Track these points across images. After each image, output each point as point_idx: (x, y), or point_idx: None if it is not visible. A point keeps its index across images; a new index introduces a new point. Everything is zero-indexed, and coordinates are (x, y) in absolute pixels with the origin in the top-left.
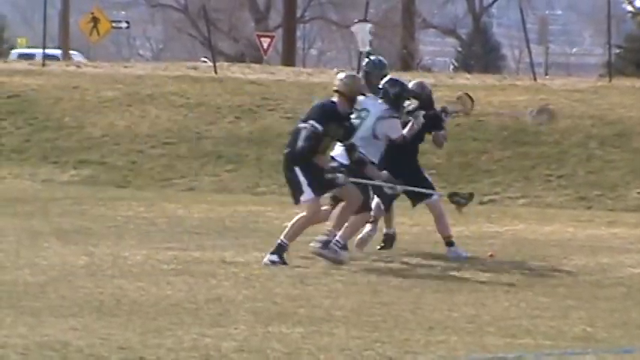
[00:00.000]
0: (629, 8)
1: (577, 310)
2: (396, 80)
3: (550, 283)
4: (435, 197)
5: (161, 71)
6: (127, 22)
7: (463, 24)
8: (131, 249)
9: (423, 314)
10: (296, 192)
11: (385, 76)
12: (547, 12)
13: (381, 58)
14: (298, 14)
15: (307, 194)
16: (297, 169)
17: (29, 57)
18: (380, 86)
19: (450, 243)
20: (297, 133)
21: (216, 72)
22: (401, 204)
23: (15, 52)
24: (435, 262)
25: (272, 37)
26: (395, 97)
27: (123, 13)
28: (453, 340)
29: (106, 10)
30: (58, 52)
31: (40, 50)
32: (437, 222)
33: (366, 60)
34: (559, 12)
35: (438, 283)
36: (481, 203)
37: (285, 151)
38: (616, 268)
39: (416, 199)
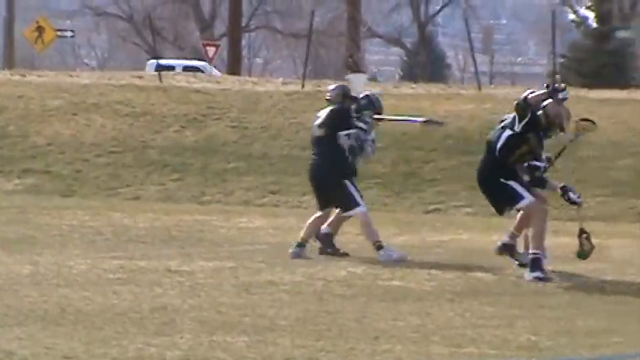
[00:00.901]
0: (574, 17)
1: (521, 319)
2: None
3: (495, 292)
4: (359, 209)
5: (106, 80)
6: (72, 31)
7: (408, 33)
8: (76, 258)
9: (368, 323)
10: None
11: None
12: (492, 21)
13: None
14: (243, 23)
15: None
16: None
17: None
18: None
19: (379, 247)
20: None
21: (161, 81)
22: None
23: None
24: (379, 270)
25: (217, 46)
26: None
27: (68, 22)
28: (398, 350)
29: (51, 19)
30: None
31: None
32: (363, 229)
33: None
34: (504, 21)
35: (383, 292)
36: (426, 212)
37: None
38: (560, 276)
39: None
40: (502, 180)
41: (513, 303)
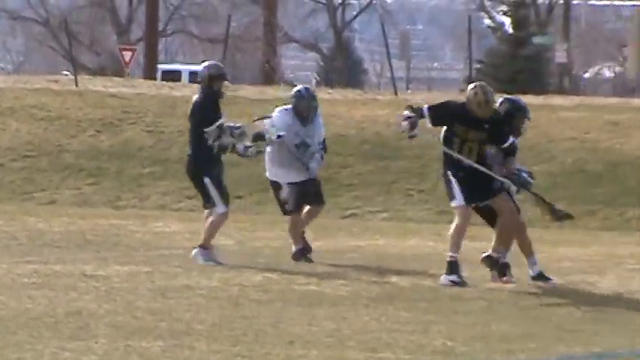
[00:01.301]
0: (490, 23)
1: (437, 324)
2: None
3: (410, 298)
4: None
5: (22, 84)
6: None
7: (325, 38)
8: None
9: (283, 328)
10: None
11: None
12: (408, 27)
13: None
14: (160, 27)
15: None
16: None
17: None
18: None
19: (203, 247)
20: None
21: (77, 85)
22: (262, 218)
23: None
24: (295, 276)
25: (134, 51)
26: None
27: None
28: (314, 355)
29: None
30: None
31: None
32: (209, 227)
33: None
34: (420, 27)
35: (299, 297)
36: (342, 217)
37: None
38: (476, 282)
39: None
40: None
41: (429, 308)
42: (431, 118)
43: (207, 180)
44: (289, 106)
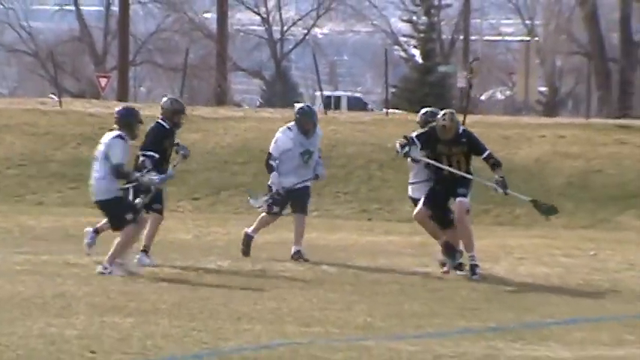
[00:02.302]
0: (403, 55)
1: (359, 303)
2: None
3: (338, 281)
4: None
5: (15, 105)
6: None
7: (267, 67)
8: None
9: (232, 307)
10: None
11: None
12: (335, 58)
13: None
14: (130, 58)
15: None
16: None
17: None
18: None
19: (145, 251)
20: None
21: (61, 106)
22: (216, 216)
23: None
24: (242, 263)
25: (108, 77)
26: None
27: None
28: (258, 329)
29: None
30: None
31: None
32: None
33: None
34: (345, 57)
35: (246, 281)
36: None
37: None
38: (392, 269)
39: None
40: None
41: (353, 290)
42: (420, 142)
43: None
44: (291, 123)
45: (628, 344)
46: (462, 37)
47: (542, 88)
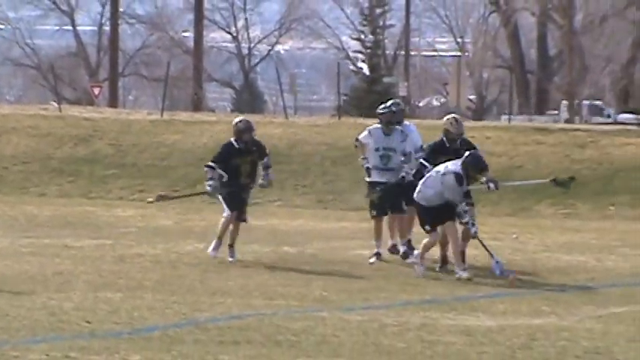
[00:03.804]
0: (353, 68)
1: (316, 280)
2: None
3: (297, 261)
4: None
5: (21, 111)
6: None
7: (237, 78)
8: (0, 237)
9: (207, 283)
10: None
11: None
12: (295, 70)
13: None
14: (120, 70)
15: None
16: None
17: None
18: None
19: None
20: None
21: (60, 111)
22: (193, 205)
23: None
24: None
25: (101, 87)
26: None
27: None
28: (229, 301)
29: None
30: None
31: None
32: None
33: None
34: (304, 70)
35: (219, 261)
36: (249, 205)
37: None
38: (343, 250)
39: None
40: None
41: (311, 269)
42: (429, 162)
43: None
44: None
45: (544, 315)
46: (403, 53)
47: (472, 97)
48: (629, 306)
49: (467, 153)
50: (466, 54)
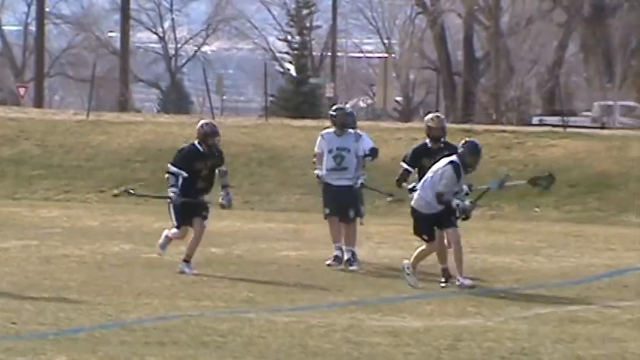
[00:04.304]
0: (279, 69)
1: (243, 281)
2: None
3: (224, 262)
4: None
5: None
6: None
7: (163, 79)
8: None
9: (133, 284)
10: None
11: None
12: (222, 71)
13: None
14: (45, 71)
15: None
16: None
17: None
18: None
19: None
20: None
21: None
22: (119, 206)
23: None
24: (142, 247)
25: (27, 87)
26: None
27: None
28: (155, 302)
29: None
30: None
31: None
32: None
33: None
34: (231, 71)
35: (145, 262)
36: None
37: None
38: (270, 251)
39: None
40: None
41: (237, 269)
42: (410, 165)
43: None
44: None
45: (470, 315)
46: (330, 54)
47: (398, 98)
48: (554, 307)
49: (462, 142)
50: (393, 55)
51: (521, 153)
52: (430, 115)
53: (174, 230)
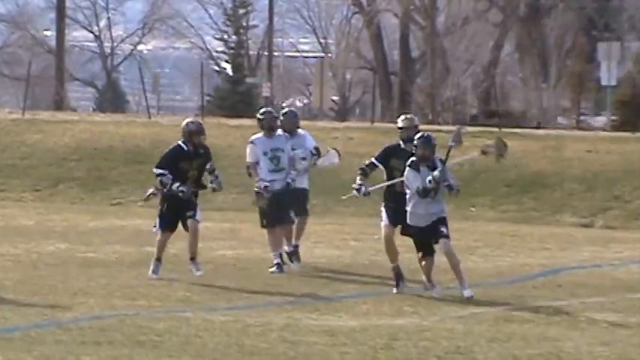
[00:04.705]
0: (216, 68)
1: (178, 281)
2: None
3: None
4: None
5: None
6: None
7: (99, 77)
8: None
9: (69, 283)
10: None
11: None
12: (159, 70)
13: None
14: None
15: None
16: None
17: None
18: None
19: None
20: None
21: None
22: (54, 205)
23: None
24: (77, 246)
25: None
26: None
27: None
28: (91, 302)
29: None
30: None
31: None
32: None
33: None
34: (167, 70)
35: (81, 261)
36: (111, 205)
37: None
38: (207, 251)
39: None
40: None
41: (173, 269)
42: (378, 160)
43: None
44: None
45: (407, 315)
46: (266, 53)
47: (335, 98)
48: (489, 306)
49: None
50: (329, 55)
51: (458, 152)
52: (402, 117)
53: (158, 239)
